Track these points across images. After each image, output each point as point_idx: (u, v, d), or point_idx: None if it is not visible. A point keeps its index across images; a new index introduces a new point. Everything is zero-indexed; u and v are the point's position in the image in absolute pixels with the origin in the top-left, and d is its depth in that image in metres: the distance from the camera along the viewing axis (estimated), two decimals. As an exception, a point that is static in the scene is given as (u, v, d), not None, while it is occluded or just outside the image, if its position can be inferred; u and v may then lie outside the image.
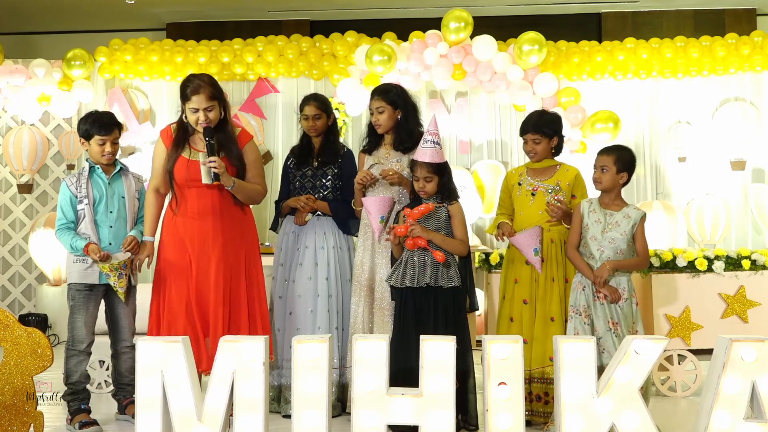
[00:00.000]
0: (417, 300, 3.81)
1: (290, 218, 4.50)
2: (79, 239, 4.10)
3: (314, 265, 4.37)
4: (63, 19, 8.96)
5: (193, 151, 4.11)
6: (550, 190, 4.15)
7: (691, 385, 4.94)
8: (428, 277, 3.78)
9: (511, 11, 8.61)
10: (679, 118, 7.81)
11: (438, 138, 3.88)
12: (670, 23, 8.55)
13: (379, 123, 4.27)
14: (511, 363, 3.04)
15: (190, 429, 3.04)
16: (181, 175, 4.08)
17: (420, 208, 3.78)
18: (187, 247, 4.09)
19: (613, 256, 3.86)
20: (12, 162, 7.74)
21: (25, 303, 8.06)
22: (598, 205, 3.96)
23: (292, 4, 8.48)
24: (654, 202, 7.29)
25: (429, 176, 3.88)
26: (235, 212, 4.18)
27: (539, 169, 4.23)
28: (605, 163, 3.94)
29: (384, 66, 7.21)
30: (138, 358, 3.10)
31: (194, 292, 4.06)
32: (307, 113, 4.46)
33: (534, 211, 4.15)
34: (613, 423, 3.00)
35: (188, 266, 4.08)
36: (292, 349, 3.08)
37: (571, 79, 7.72)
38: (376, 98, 4.28)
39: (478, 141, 7.97)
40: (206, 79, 4.07)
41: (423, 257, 3.81)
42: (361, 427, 3.03)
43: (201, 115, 4.01)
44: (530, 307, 4.09)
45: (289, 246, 4.48)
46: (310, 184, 4.44)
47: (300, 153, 4.55)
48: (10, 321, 3.56)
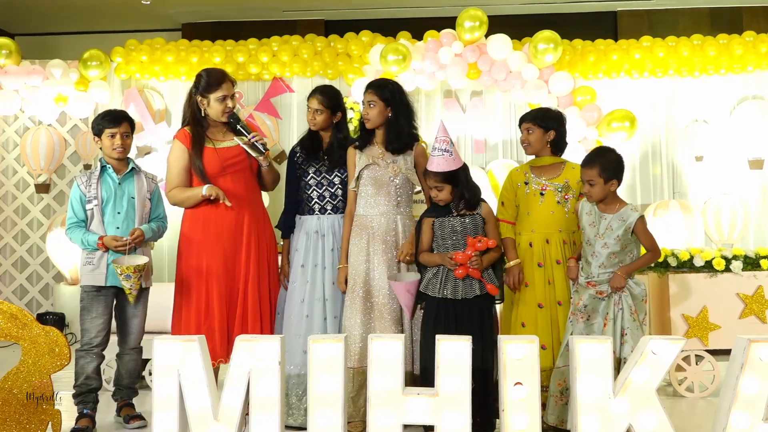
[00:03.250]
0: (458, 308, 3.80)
1: (308, 218, 4.31)
2: (91, 234, 4.11)
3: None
4: (79, 20, 9.02)
5: (216, 142, 4.21)
6: (560, 189, 4.08)
7: (708, 385, 4.90)
8: (477, 289, 3.80)
9: (526, 10, 8.59)
10: (696, 116, 7.76)
11: (447, 144, 3.82)
12: (686, 21, 8.50)
13: (368, 117, 4.13)
14: (527, 363, 3.04)
15: (206, 428, 3.05)
16: (214, 165, 4.15)
17: (480, 244, 3.76)
18: (221, 234, 4.14)
19: (606, 262, 3.78)
20: (29, 162, 7.80)
21: (43, 302, 8.13)
22: (594, 207, 3.86)
23: (306, 4, 8.50)
24: (671, 201, 7.24)
25: (439, 185, 3.86)
26: (260, 201, 4.36)
27: (544, 167, 4.16)
28: (591, 177, 3.79)
29: (399, 65, 7.20)
30: (155, 357, 3.11)
31: (226, 282, 4.14)
32: (309, 105, 4.31)
33: (544, 211, 4.08)
34: (630, 424, 2.98)
35: (221, 255, 4.14)
36: (308, 349, 3.08)
37: (587, 77, 7.68)
38: (370, 91, 4.15)
39: (493, 140, 7.95)
40: (224, 70, 4.30)
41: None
42: (377, 427, 3.03)
43: (230, 102, 4.17)
44: (545, 311, 4.02)
45: (310, 246, 4.27)
46: (326, 180, 4.28)
47: (310, 146, 4.36)
48: (29, 320, 3.59)
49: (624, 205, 3.84)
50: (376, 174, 4.12)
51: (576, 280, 3.89)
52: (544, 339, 3.95)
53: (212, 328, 4.09)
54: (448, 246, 3.87)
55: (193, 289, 4.15)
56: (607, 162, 3.80)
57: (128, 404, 4.27)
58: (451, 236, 3.87)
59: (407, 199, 4.20)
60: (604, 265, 3.78)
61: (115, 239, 4.07)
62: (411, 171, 4.16)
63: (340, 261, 4.16)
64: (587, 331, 3.78)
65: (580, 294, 3.85)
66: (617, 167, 3.83)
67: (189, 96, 4.28)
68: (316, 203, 4.29)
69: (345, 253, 4.14)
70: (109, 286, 4.13)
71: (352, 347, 3.97)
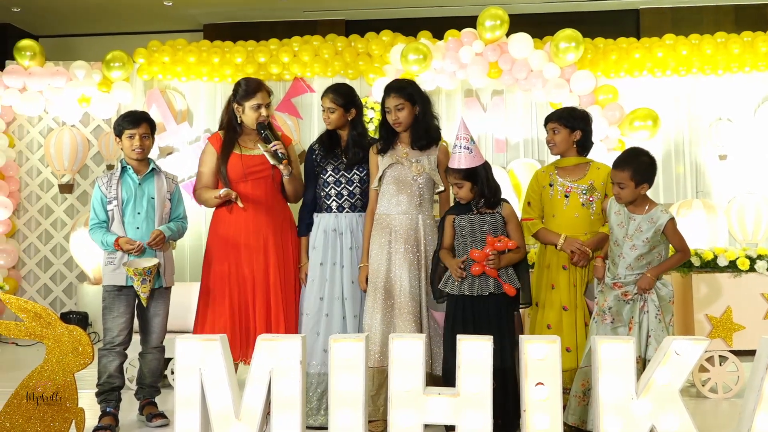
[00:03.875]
0: (475, 305, 3.80)
1: (326, 215, 4.31)
2: (109, 234, 4.16)
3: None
4: (102, 21, 9.10)
5: (244, 149, 4.34)
6: (584, 191, 4.05)
7: (732, 386, 4.86)
8: (492, 286, 3.79)
9: (547, 8, 8.55)
10: (720, 115, 7.67)
11: (467, 142, 3.81)
12: (709, 18, 8.42)
13: (400, 121, 4.12)
14: (548, 363, 3.02)
15: (228, 427, 3.07)
16: (237, 170, 4.28)
17: (499, 244, 3.75)
18: (240, 240, 4.27)
19: (634, 264, 3.73)
20: (53, 162, 7.87)
21: (66, 301, 8.20)
22: (623, 207, 3.80)
23: (327, 4, 8.51)
24: (694, 200, 7.16)
25: (459, 182, 3.86)
26: (283, 208, 4.43)
27: (569, 168, 4.13)
28: (621, 180, 3.72)
29: (419, 65, 7.19)
30: (177, 356, 3.13)
31: (243, 285, 4.25)
32: (322, 105, 4.32)
33: (569, 214, 4.06)
34: (653, 425, 2.96)
35: (241, 260, 4.25)
36: (329, 348, 3.09)
37: (609, 76, 7.62)
38: (394, 95, 4.12)
39: (514, 140, 7.92)
40: (261, 80, 4.45)
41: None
42: (398, 427, 3.03)
43: (264, 111, 4.30)
44: (570, 314, 4.01)
45: (329, 244, 4.27)
46: (344, 178, 4.27)
47: (328, 144, 4.35)
48: (52, 319, 3.62)
49: (654, 205, 3.77)
50: (400, 173, 4.13)
51: (602, 279, 3.86)
52: (569, 341, 3.95)
53: (232, 328, 4.20)
54: (467, 243, 3.86)
55: (214, 293, 4.28)
56: (640, 165, 3.73)
57: (151, 403, 4.31)
58: (470, 234, 3.87)
59: (429, 199, 4.20)
60: (632, 267, 3.74)
61: (128, 242, 4.12)
62: (434, 171, 4.16)
63: (361, 260, 4.16)
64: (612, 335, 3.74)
65: (605, 295, 3.81)
66: (649, 171, 3.75)
67: (228, 103, 4.44)
68: (334, 201, 4.29)
69: (366, 252, 4.15)
70: (129, 285, 4.16)
71: (373, 346, 3.97)
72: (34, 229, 8.27)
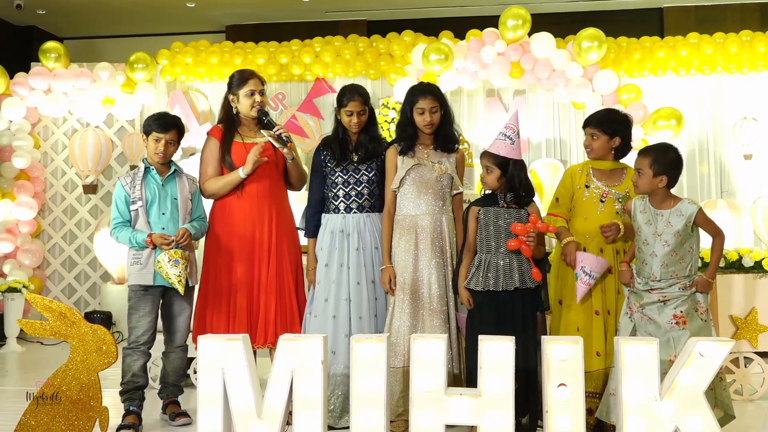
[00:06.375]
0: (500, 302, 3.79)
1: (333, 216, 4.29)
2: (139, 233, 4.17)
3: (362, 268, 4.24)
4: (126, 23, 9.17)
5: (245, 137, 4.39)
6: (620, 198, 3.95)
7: (758, 388, 4.80)
8: (517, 280, 3.78)
9: (569, 7, 8.51)
10: (745, 114, 7.59)
11: (513, 133, 3.83)
12: (734, 17, 8.34)
13: (433, 123, 4.12)
14: (570, 364, 3.00)
15: (250, 426, 3.08)
16: (242, 158, 4.30)
17: (541, 225, 3.76)
18: (245, 227, 4.29)
19: (667, 260, 3.64)
20: (77, 163, 7.95)
21: (90, 301, 8.28)
22: (649, 204, 3.72)
23: (349, 5, 8.53)
24: (719, 200, 7.10)
25: (490, 166, 3.85)
26: (285, 198, 4.49)
27: (606, 171, 4.02)
28: (641, 166, 3.66)
29: (441, 65, 7.18)
30: (199, 355, 3.14)
31: (254, 273, 4.28)
32: (352, 109, 4.29)
33: (603, 220, 3.94)
34: (677, 426, 2.93)
35: (247, 247, 4.28)
36: (351, 349, 3.09)
37: (632, 75, 7.57)
38: (430, 98, 4.11)
39: (537, 139, 7.89)
40: (253, 70, 4.55)
41: (511, 261, 3.80)
42: (419, 427, 3.03)
43: (258, 96, 4.36)
44: (600, 318, 3.91)
45: (335, 246, 4.26)
46: (353, 179, 4.26)
47: (340, 147, 4.35)
48: (77, 318, 3.65)
49: (679, 200, 3.70)
50: (423, 174, 4.13)
51: (629, 284, 3.78)
52: (599, 345, 3.89)
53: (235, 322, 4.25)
54: (490, 235, 3.85)
55: (220, 286, 4.30)
56: (662, 155, 3.67)
57: (174, 402, 4.33)
58: (495, 225, 3.85)
59: (450, 201, 4.19)
60: (666, 264, 3.65)
61: (163, 237, 4.14)
62: (455, 172, 4.17)
63: (383, 262, 4.16)
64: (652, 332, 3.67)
65: (638, 296, 3.73)
66: (671, 164, 3.66)
67: (224, 98, 4.49)
68: (342, 202, 4.28)
69: (387, 253, 4.14)
70: (156, 285, 4.19)
71: (400, 347, 3.98)
72: (59, 230, 8.36)
